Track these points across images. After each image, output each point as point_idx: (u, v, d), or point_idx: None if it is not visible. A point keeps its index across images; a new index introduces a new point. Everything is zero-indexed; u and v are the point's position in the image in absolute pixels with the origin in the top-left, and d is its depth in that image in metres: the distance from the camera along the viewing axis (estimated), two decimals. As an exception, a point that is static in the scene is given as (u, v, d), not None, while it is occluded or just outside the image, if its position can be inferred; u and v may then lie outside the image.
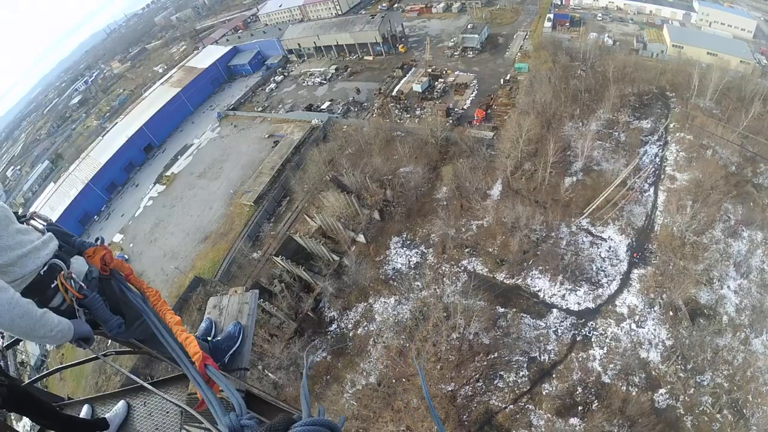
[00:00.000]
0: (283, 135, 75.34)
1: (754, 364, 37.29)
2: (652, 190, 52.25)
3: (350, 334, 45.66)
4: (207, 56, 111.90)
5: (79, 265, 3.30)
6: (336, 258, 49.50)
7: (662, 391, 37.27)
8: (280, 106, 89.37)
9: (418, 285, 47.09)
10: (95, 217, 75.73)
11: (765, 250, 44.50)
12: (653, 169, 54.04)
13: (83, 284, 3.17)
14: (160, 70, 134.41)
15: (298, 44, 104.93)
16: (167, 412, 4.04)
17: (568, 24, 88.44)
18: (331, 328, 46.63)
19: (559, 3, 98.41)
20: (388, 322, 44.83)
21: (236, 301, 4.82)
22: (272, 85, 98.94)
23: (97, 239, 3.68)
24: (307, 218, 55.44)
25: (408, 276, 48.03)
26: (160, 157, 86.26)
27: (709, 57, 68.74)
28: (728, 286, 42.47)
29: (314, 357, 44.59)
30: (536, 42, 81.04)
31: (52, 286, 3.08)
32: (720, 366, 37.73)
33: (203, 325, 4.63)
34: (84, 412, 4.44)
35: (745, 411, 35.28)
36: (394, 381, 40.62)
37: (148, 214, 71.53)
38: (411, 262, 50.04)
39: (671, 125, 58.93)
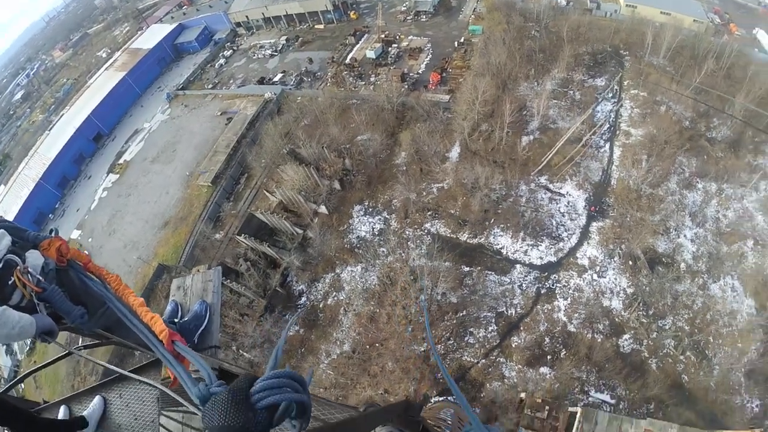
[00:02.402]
0: (236, 111, 73.11)
1: (713, 307, 39.11)
2: (607, 145, 53.21)
3: (320, 305, 45.64)
4: (152, 36, 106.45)
5: (34, 258, 3.27)
6: (299, 231, 48.94)
7: (626, 336, 38.84)
8: (231, 81, 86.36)
9: (383, 251, 47.25)
10: (50, 215, 71.80)
11: (719, 201, 46.17)
12: (608, 125, 54.99)
13: (41, 278, 3.15)
14: (104, 55, 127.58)
15: (246, 16, 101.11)
16: (143, 401, 4.07)
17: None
18: (301, 301, 46.47)
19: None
20: (356, 290, 44.93)
21: (200, 279, 4.83)
22: (222, 61, 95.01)
23: (51, 231, 3.69)
24: (267, 194, 54.38)
25: (373, 243, 48.13)
26: (110, 146, 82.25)
27: (662, 16, 69.59)
28: (685, 235, 44.08)
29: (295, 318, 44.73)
30: (489, 4, 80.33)
31: (9, 282, 3.04)
32: (680, 311, 39.47)
33: (169, 307, 4.65)
34: (61, 413, 4.45)
35: (707, 352, 37.11)
36: (368, 347, 41.20)
37: (103, 205, 68.53)
38: (375, 229, 50.01)
39: (625, 82, 59.86)
